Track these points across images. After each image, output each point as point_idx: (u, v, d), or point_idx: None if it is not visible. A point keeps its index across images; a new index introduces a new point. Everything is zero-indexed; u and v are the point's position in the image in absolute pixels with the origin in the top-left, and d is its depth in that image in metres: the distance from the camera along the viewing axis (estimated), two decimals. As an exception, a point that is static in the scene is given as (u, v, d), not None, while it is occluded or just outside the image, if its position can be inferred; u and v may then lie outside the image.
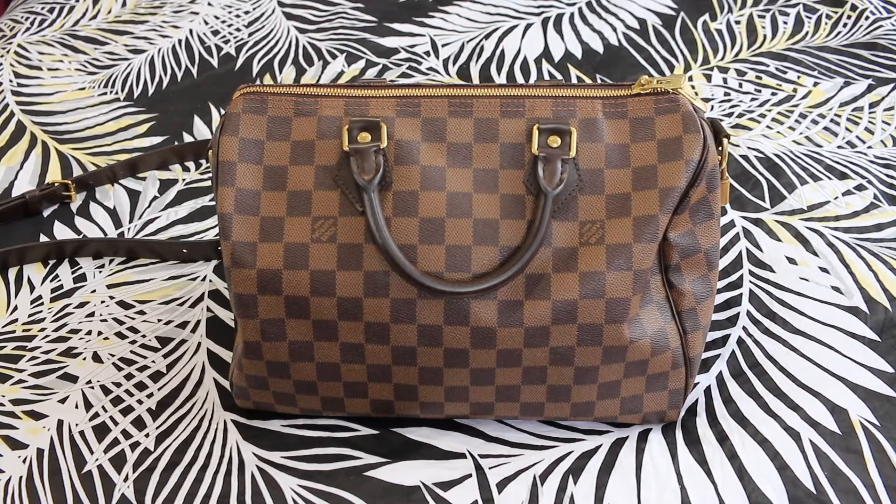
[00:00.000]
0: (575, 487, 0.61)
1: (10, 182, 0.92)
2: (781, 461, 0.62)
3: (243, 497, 0.61)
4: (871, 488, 0.60)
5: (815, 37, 1.13)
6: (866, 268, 0.77)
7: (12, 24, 1.21)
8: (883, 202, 0.85)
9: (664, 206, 0.56)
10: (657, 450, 0.63)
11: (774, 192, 0.86)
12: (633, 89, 0.58)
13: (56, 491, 0.62)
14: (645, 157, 0.57)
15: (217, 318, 0.75)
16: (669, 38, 1.14)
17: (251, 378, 0.62)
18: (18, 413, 0.67)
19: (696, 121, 0.57)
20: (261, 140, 0.59)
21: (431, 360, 0.58)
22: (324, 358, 0.59)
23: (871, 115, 0.97)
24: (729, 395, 0.67)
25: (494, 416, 0.63)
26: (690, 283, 0.59)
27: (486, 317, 0.56)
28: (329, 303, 0.57)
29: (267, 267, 0.57)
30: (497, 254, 0.56)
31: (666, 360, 0.59)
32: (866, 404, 0.66)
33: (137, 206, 0.88)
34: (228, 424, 0.66)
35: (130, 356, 0.72)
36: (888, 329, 0.72)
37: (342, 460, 0.63)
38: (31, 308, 0.77)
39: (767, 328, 0.72)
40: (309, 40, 1.15)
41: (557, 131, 0.57)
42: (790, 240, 0.81)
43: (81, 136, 0.98)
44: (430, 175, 0.57)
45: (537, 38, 1.15)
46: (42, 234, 0.85)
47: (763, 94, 1.01)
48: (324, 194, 0.57)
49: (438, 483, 0.61)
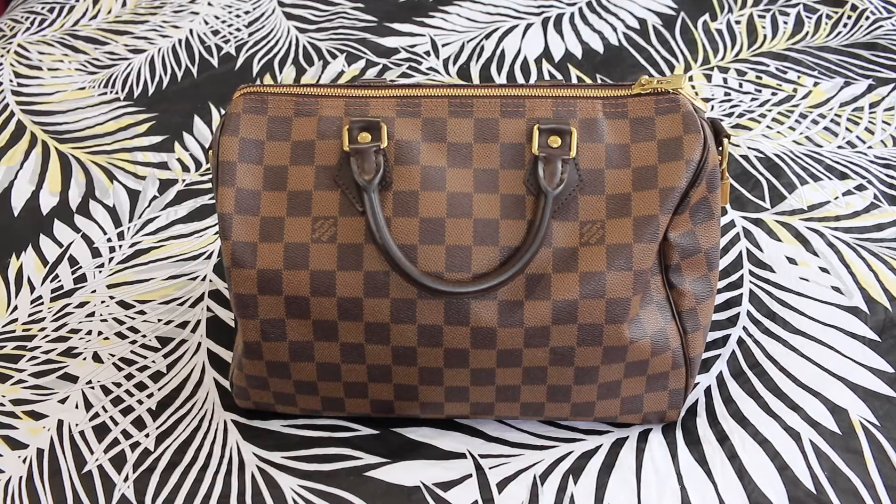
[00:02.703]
0: (575, 487, 0.61)
1: (9, 182, 0.92)
2: (781, 461, 0.62)
3: (243, 497, 0.61)
4: (871, 488, 0.60)
5: (816, 37, 1.13)
6: (866, 268, 0.77)
7: (12, 24, 1.21)
8: (883, 202, 0.85)
9: (664, 207, 0.56)
10: (657, 450, 0.63)
11: (774, 192, 0.86)
12: (634, 89, 0.58)
13: (56, 491, 0.62)
14: (645, 158, 0.57)
15: (217, 318, 0.75)
16: (670, 38, 1.14)
17: (251, 378, 0.62)
18: (18, 413, 0.67)
19: (697, 121, 0.57)
20: (261, 140, 0.59)
21: (431, 360, 0.58)
22: (324, 358, 0.59)
23: (872, 115, 0.97)
24: (729, 395, 0.67)
25: (494, 416, 0.63)
26: (691, 284, 0.59)
27: (487, 317, 0.56)
28: (329, 303, 0.57)
29: (267, 267, 0.57)
30: (497, 254, 0.56)
31: (666, 360, 0.59)
32: (866, 404, 0.66)
33: (137, 205, 0.88)
34: (228, 424, 0.66)
35: (130, 356, 0.72)
36: (888, 329, 0.72)
37: (342, 460, 0.63)
38: (32, 308, 0.77)
39: (767, 328, 0.72)
40: (309, 40, 1.15)
41: (558, 131, 0.57)
42: (790, 240, 0.81)
43: (81, 136, 0.98)
44: (431, 175, 0.57)
45: (537, 38, 1.15)
46: (42, 233, 0.85)
47: (763, 94, 1.01)
48: (324, 194, 0.57)
49: (438, 483, 0.61)
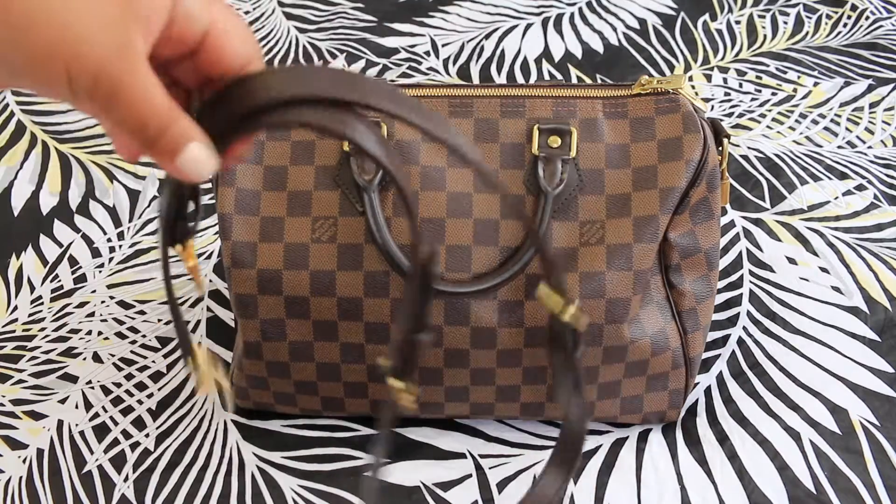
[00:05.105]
0: (575, 487, 0.61)
1: (9, 182, 0.92)
2: (781, 461, 0.62)
3: (243, 497, 0.61)
4: (871, 488, 0.60)
5: (816, 37, 1.13)
6: (866, 268, 0.77)
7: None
8: (883, 202, 0.85)
9: (664, 207, 0.56)
10: (657, 450, 0.63)
11: (774, 192, 0.86)
12: (634, 89, 0.58)
13: (56, 491, 0.62)
14: (645, 158, 0.57)
15: (217, 318, 0.75)
16: (669, 38, 1.14)
17: (251, 378, 0.62)
18: (18, 413, 0.67)
19: (697, 121, 0.57)
20: (261, 140, 0.59)
21: (431, 360, 0.58)
22: (324, 358, 0.59)
23: (872, 115, 0.97)
24: (729, 395, 0.67)
25: (494, 416, 0.63)
26: (690, 284, 0.59)
27: (486, 317, 0.56)
28: (329, 303, 0.57)
29: (267, 267, 0.57)
30: (497, 254, 0.56)
31: (666, 360, 0.59)
32: (866, 404, 0.66)
33: (137, 205, 0.88)
34: (228, 424, 0.66)
35: (130, 356, 0.72)
36: (888, 329, 0.72)
37: (342, 460, 0.63)
38: (32, 308, 0.77)
39: (767, 328, 0.72)
40: (309, 40, 1.15)
41: (558, 131, 0.57)
42: (790, 240, 0.81)
43: (81, 136, 0.98)
44: (431, 175, 0.57)
45: (537, 38, 1.15)
46: (42, 233, 0.85)
47: (763, 94, 1.01)
48: (324, 194, 0.57)
49: (438, 483, 0.61)
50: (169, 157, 0.33)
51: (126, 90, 0.31)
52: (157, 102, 0.32)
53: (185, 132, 0.33)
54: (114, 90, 0.31)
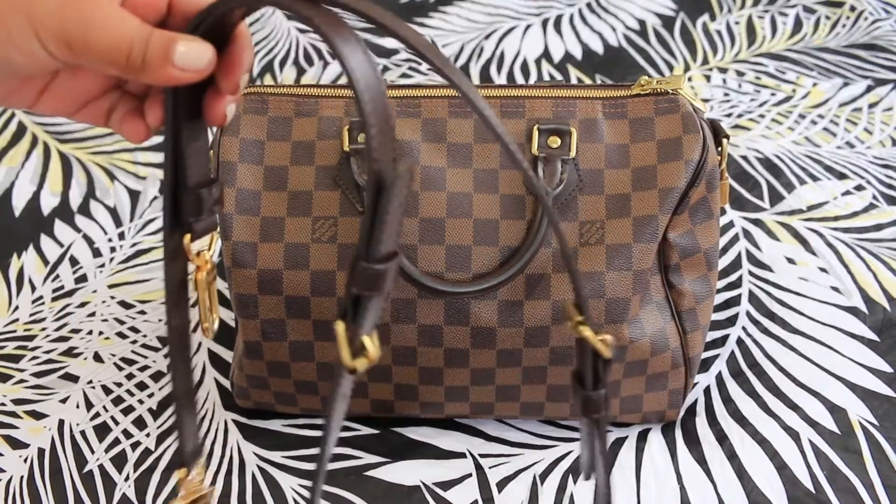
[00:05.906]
0: (575, 487, 0.61)
1: (11, 182, 0.92)
2: (780, 461, 0.62)
3: (244, 497, 0.61)
4: (869, 488, 0.60)
5: (815, 37, 1.13)
6: (865, 268, 0.78)
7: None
8: (882, 202, 0.85)
9: (664, 207, 0.56)
10: (657, 449, 0.63)
11: (774, 193, 0.87)
12: (633, 90, 0.58)
13: (57, 490, 0.62)
14: (645, 158, 0.57)
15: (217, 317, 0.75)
16: (669, 39, 1.14)
17: (252, 378, 0.62)
18: (20, 413, 0.67)
19: (696, 121, 0.57)
20: (261, 140, 0.59)
21: (431, 359, 0.58)
22: (324, 358, 0.60)
23: (870, 115, 0.97)
24: (728, 394, 0.67)
25: (494, 415, 0.63)
26: (690, 283, 0.59)
27: (486, 317, 0.56)
28: (329, 303, 0.57)
29: (267, 267, 0.57)
30: (497, 254, 0.56)
31: (665, 359, 0.60)
32: (865, 404, 0.66)
33: (138, 205, 0.88)
34: (229, 424, 0.66)
35: (131, 356, 0.72)
36: (887, 329, 0.72)
37: (342, 460, 0.63)
38: (33, 308, 0.77)
39: (767, 328, 0.72)
40: (309, 41, 1.15)
41: (557, 132, 0.57)
42: (789, 240, 0.81)
43: (82, 136, 0.98)
44: (431, 175, 0.57)
45: (537, 38, 1.15)
46: (43, 233, 0.85)
47: (762, 94, 1.02)
48: (324, 194, 0.58)
49: (438, 483, 0.61)
50: (162, 62, 0.34)
51: (98, 23, 0.33)
52: (131, 24, 0.34)
53: (167, 36, 0.34)
54: (85, 28, 0.33)
